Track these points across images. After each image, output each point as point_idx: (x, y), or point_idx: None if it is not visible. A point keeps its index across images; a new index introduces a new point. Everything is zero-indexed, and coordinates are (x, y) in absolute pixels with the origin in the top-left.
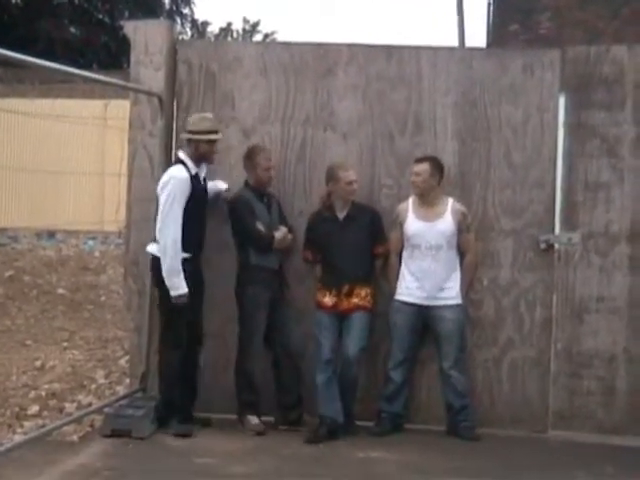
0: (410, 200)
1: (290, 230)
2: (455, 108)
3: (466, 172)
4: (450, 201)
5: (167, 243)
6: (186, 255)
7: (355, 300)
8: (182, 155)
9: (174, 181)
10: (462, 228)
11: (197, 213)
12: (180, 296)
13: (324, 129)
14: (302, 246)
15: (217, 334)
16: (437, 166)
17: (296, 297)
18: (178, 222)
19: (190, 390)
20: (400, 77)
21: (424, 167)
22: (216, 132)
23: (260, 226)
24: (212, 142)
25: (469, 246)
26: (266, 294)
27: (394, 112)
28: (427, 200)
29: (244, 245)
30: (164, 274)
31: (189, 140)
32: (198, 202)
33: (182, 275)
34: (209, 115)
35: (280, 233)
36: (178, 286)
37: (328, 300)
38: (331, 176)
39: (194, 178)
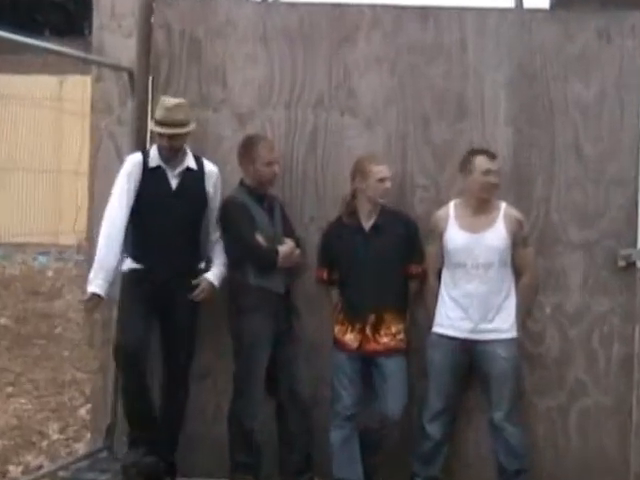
0: (451, 205)
1: (298, 243)
2: (509, 86)
3: (523, 167)
4: (503, 206)
5: (100, 233)
6: (136, 266)
7: (385, 339)
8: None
9: (124, 165)
10: (518, 240)
11: (154, 215)
12: (89, 296)
13: (341, 113)
14: (315, 264)
15: (205, 375)
16: None
17: (307, 329)
18: (115, 213)
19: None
20: (438, 46)
21: (499, 163)
22: (169, 124)
23: (260, 237)
24: (166, 135)
25: (527, 263)
26: (268, 325)
27: (431, 91)
28: (480, 206)
29: (240, 262)
30: None
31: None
32: (156, 202)
33: (104, 275)
34: (171, 101)
35: (286, 247)
36: (91, 283)
37: (350, 338)
38: (359, 170)
39: (151, 170)
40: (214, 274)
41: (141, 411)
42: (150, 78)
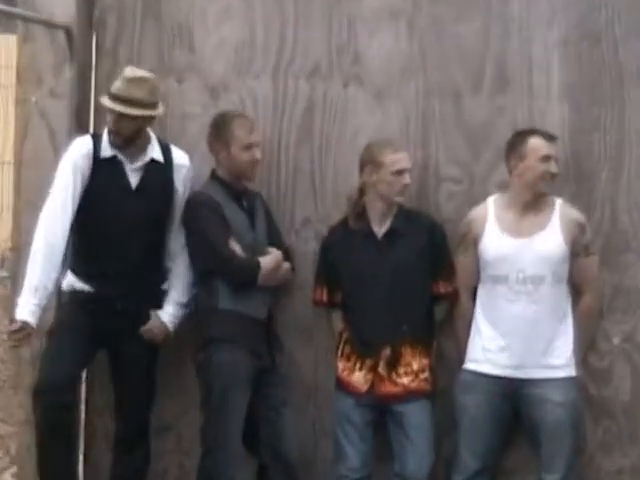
0: (489, 202)
1: (287, 254)
2: (565, 48)
3: (583, 155)
4: (558, 203)
5: (33, 245)
6: (80, 285)
7: (404, 380)
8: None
9: (68, 152)
10: (578, 248)
11: (106, 220)
12: (18, 326)
13: (344, 84)
14: (311, 281)
15: (166, 428)
16: None
17: (299, 367)
18: (55, 216)
19: None
20: None
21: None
22: (124, 101)
23: (236, 246)
24: (113, 114)
25: (589, 278)
26: (247, 362)
27: (462, 56)
28: (529, 203)
29: (208, 277)
30: None
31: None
32: (109, 202)
33: (38, 298)
34: (135, 72)
35: (270, 259)
36: (21, 308)
37: (359, 379)
38: (370, 159)
39: (104, 161)
40: (169, 314)
41: (56, 476)
42: (94, 39)
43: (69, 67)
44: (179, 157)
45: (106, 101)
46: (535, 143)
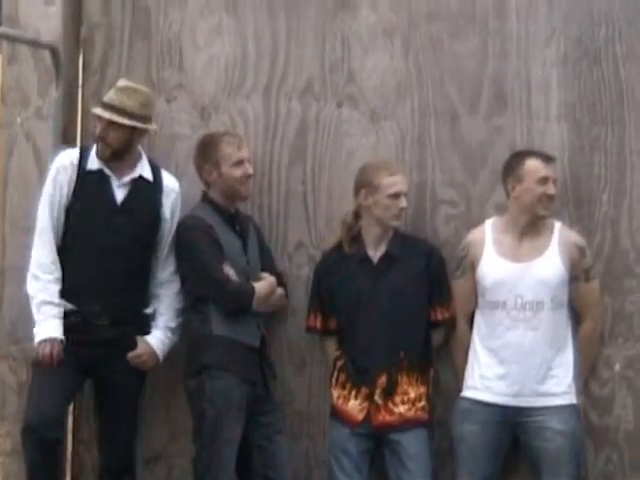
0: (487, 225)
1: (280, 279)
2: (564, 67)
3: (583, 176)
4: (557, 227)
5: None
6: (69, 306)
7: (401, 409)
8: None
9: (52, 166)
10: (578, 273)
11: (89, 235)
12: (41, 343)
13: (338, 104)
14: (304, 307)
15: (155, 457)
16: None
17: (293, 395)
18: (45, 235)
19: None
20: (468, 14)
21: (555, 169)
22: (117, 110)
23: (230, 270)
24: (100, 121)
25: (590, 304)
26: (240, 390)
27: (458, 75)
28: (528, 226)
29: (200, 303)
30: None
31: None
32: (92, 217)
33: (45, 316)
34: (128, 83)
35: (264, 284)
36: (42, 327)
37: (354, 407)
38: (366, 182)
39: (89, 174)
40: (158, 339)
41: None
42: (81, 58)
43: (55, 87)
44: (169, 180)
45: (97, 109)
46: (532, 165)
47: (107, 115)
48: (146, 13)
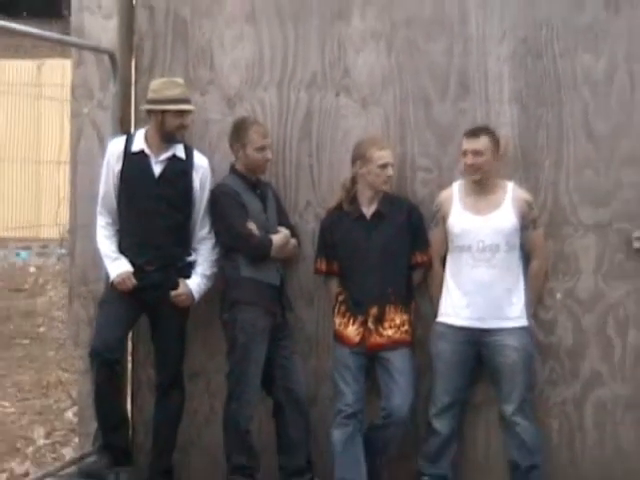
0: (455, 186)
1: (293, 232)
2: (513, 61)
3: (530, 147)
4: (510, 186)
5: (97, 228)
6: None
7: (389, 332)
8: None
9: (106, 152)
10: (527, 223)
11: (136, 202)
12: (116, 277)
13: (336, 93)
14: (312, 253)
15: (196, 374)
16: (495, 140)
17: (304, 324)
18: (105, 201)
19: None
20: (438, 20)
21: (484, 142)
22: (186, 101)
23: (253, 226)
24: (180, 114)
25: (536, 247)
26: (264, 320)
27: (431, 68)
28: (481, 186)
29: (231, 252)
30: None
31: (149, 112)
32: (137, 188)
33: (112, 261)
34: (178, 80)
35: (280, 236)
36: (111, 268)
37: (352, 332)
38: (360, 155)
39: (133, 155)
40: (195, 283)
41: (109, 417)
42: (133, 61)
43: (113, 84)
44: (199, 158)
45: (184, 106)
46: (468, 142)
47: (173, 107)
48: (184, 24)
